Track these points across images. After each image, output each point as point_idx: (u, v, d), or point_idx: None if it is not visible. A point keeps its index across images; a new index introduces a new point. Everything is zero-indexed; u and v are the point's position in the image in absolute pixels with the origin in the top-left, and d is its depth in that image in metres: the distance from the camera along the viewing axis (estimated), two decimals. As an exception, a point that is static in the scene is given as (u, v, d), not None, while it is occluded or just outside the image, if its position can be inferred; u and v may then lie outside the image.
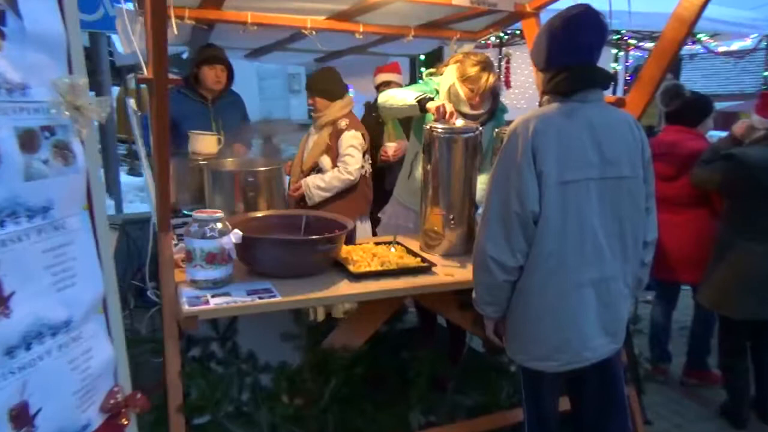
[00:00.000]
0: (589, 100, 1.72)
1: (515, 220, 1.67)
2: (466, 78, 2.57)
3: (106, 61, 4.61)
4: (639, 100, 2.39)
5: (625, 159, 1.73)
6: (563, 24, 1.71)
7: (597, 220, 1.70)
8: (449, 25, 3.19)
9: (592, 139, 1.69)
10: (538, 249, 1.69)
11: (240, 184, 2.65)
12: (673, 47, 2.22)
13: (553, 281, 1.71)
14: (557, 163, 1.65)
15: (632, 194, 1.75)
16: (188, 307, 1.83)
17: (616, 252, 1.75)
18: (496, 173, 1.74)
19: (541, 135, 1.65)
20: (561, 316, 1.73)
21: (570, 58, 1.71)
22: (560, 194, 1.65)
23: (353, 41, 3.33)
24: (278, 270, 2.10)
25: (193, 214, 1.99)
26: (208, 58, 3.36)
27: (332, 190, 3.13)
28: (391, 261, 2.28)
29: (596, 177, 1.68)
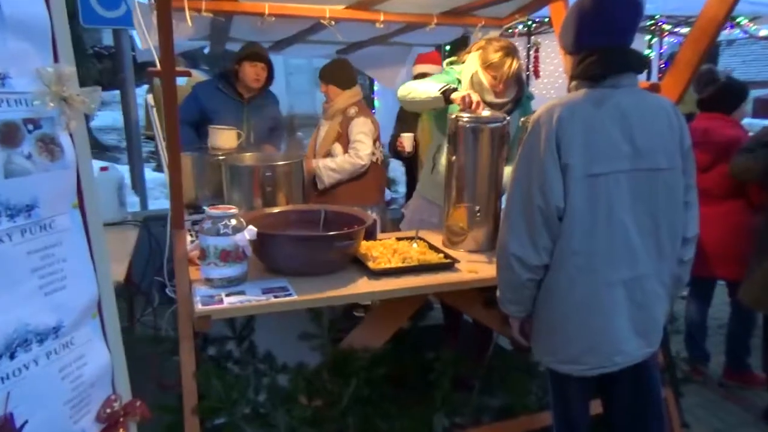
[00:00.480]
0: (622, 86, 1.60)
1: (538, 216, 1.57)
2: (488, 65, 2.46)
3: (129, 58, 4.61)
4: (675, 86, 2.25)
5: (661, 149, 1.60)
6: (594, 1, 1.59)
7: (628, 215, 1.58)
8: (473, 11, 3.06)
9: (624, 128, 1.57)
10: (563, 246, 1.58)
11: (258, 179, 2.60)
12: (712, 28, 2.07)
13: (580, 280, 1.60)
14: (584, 154, 1.54)
15: (669, 187, 1.62)
16: (201, 306, 1.77)
17: (651, 249, 1.63)
18: (518, 165, 1.63)
19: (565, 124, 1.54)
20: (590, 317, 1.62)
21: (601, 39, 1.59)
22: (587, 188, 1.54)
23: (374, 31, 3.24)
24: (295, 267, 2.03)
25: (206, 210, 1.94)
26: (250, 55, 3.35)
27: (343, 173, 3.16)
28: (412, 257, 2.19)
29: (627, 169, 1.57)
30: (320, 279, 2.01)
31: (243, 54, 3.38)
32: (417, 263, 2.14)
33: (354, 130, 3.17)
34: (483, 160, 2.27)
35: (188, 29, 2.83)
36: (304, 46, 4.02)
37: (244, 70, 3.36)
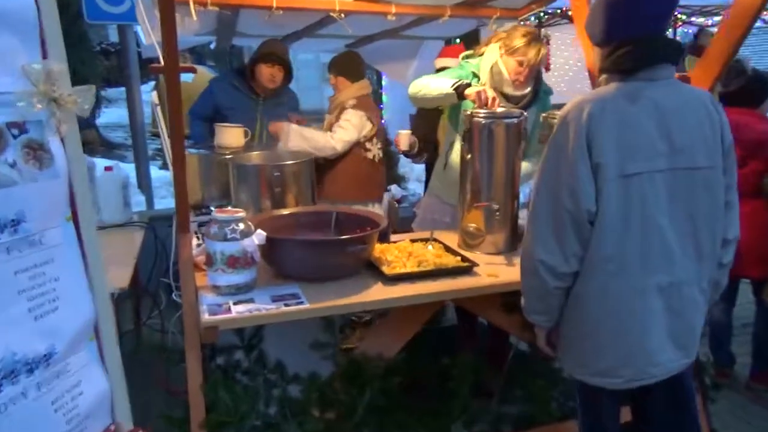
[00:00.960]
0: (657, 78, 1.49)
1: (567, 220, 1.46)
2: (514, 50, 2.34)
3: (134, 54, 4.52)
4: (705, 78, 2.12)
5: (701, 146, 1.49)
6: None
7: (665, 218, 1.47)
8: (488, 2, 2.95)
9: (660, 124, 1.46)
10: (595, 252, 1.48)
11: (266, 179, 2.50)
12: (748, 15, 1.94)
13: (612, 287, 1.49)
14: (618, 153, 1.43)
15: (709, 187, 1.51)
16: (208, 315, 1.68)
17: (689, 253, 1.52)
18: (546, 165, 1.52)
19: (597, 121, 1.43)
20: (623, 327, 1.51)
21: (634, 28, 1.47)
22: (621, 189, 1.44)
23: (384, 24, 3.13)
24: (306, 273, 1.94)
25: (212, 213, 1.84)
26: (265, 56, 3.26)
27: (309, 144, 2.92)
28: (428, 260, 2.09)
29: (664, 168, 1.46)
30: (333, 285, 1.92)
31: (258, 54, 3.30)
32: (434, 267, 2.05)
33: (342, 117, 3.04)
34: (499, 158, 2.17)
35: (193, 24, 2.74)
36: (313, 40, 3.91)
37: (260, 70, 3.27)
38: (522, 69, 2.36)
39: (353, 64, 3.22)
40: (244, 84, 3.35)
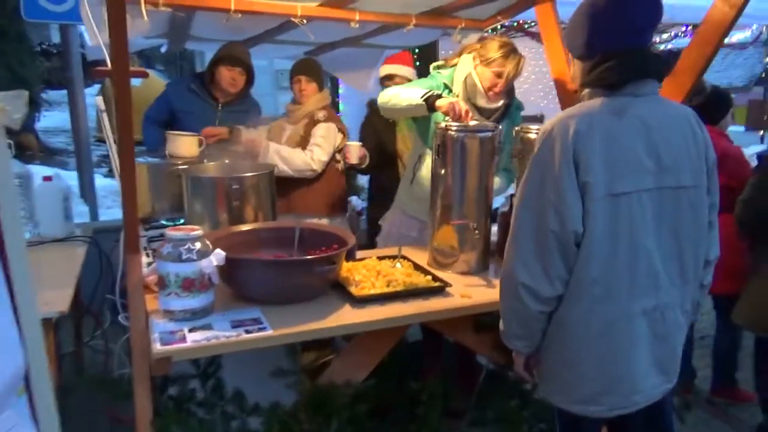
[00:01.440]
0: (642, 94, 1.43)
1: (553, 242, 1.38)
2: (490, 62, 2.29)
3: (78, 55, 4.25)
4: (675, 94, 2.10)
5: (686, 165, 1.45)
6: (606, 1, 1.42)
7: (652, 239, 1.42)
8: (454, 12, 2.89)
9: (647, 141, 1.40)
10: (580, 275, 1.41)
11: (223, 191, 2.33)
12: (718, 32, 1.94)
13: (598, 312, 1.42)
14: (605, 171, 1.36)
15: (694, 207, 1.47)
16: (160, 346, 1.52)
17: (674, 276, 1.47)
18: (528, 183, 1.44)
19: (584, 137, 1.36)
20: (608, 353, 1.45)
21: (619, 41, 1.42)
22: (609, 209, 1.37)
23: (348, 31, 3.02)
24: (269, 295, 1.80)
25: (165, 231, 1.68)
26: (226, 58, 3.13)
27: (289, 167, 2.85)
28: (398, 280, 1.98)
29: (651, 188, 1.40)
30: (297, 308, 1.79)
31: (219, 56, 3.16)
32: (404, 287, 1.94)
33: (317, 132, 2.95)
34: (473, 173, 2.09)
35: (143, 25, 2.55)
36: (270, 46, 3.77)
37: (221, 73, 3.14)
38: (499, 81, 2.31)
39: (320, 72, 3.13)
40: (203, 89, 3.22)
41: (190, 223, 2.43)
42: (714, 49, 1.97)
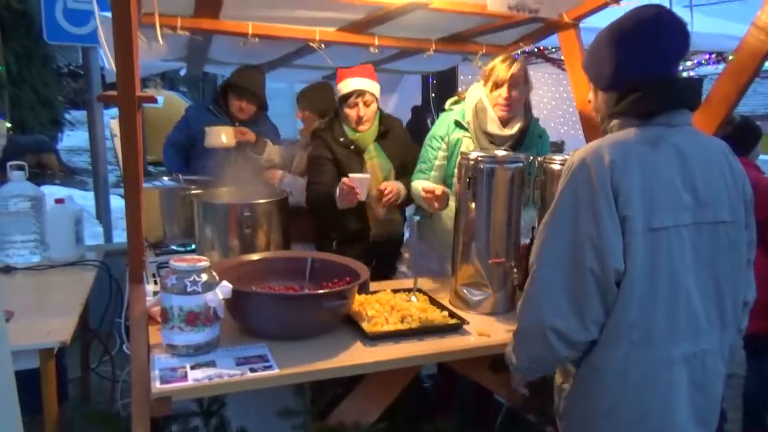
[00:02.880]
0: (676, 124, 1.34)
1: (591, 282, 1.27)
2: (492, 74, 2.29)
3: (98, 77, 4.27)
4: (708, 124, 2.02)
5: (725, 199, 1.35)
6: (637, 27, 1.34)
7: (691, 278, 1.31)
8: (475, 38, 2.83)
9: (684, 174, 1.31)
10: (618, 317, 1.30)
11: (235, 218, 2.28)
12: (754, 62, 1.85)
13: (636, 359, 1.31)
14: (643, 204, 1.26)
15: (732, 244, 1.36)
16: (160, 384, 1.44)
17: (713, 319, 1.35)
18: (558, 217, 1.33)
19: (621, 168, 1.27)
20: (646, 403, 1.33)
21: (647, 70, 1.33)
22: (648, 246, 1.27)
23: (366, 56, 2.97)
24: (276, 330, 1.71)
25: (170, 262, 1.61)
26: (233, 86, 3.16)
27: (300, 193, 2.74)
28: (412, 316, 1.89)
29: (689, 223, 1.30)
30: (306, 344, 1.70)
31: (228, 84, 3.20)
32: (419, 324, 1.85)
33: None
34: (500, 207, 1.97)
35: (161, 48, 2.54)
36: (288, 70, 3.77)
37: (230, 100, 3.19)
38: (502, 90, 2.27)
39: (321, 97, 3.03)
40: (220, 109, 3.24)
41: (201, 249, 2.38)
42: (749, 79, 1.88)
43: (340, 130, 2.58)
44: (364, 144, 2.57)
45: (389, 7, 2.25)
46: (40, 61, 8.14)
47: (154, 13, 1.92)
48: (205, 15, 2.36)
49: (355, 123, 2.54)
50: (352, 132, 2.56)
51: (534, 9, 1.97)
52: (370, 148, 2.59)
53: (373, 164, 2.57)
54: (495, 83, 2.30)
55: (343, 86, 2.52)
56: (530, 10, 1.95)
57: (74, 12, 3.88)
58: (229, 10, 2.32)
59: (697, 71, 8.83)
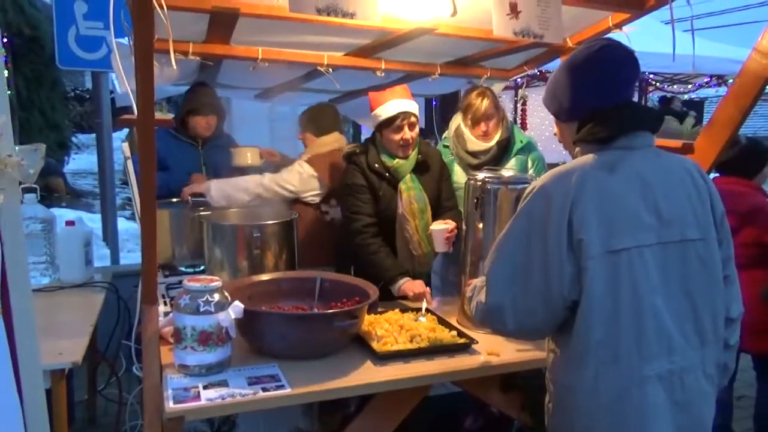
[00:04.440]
0: (636, 147, 1.38)
1: (538, 302, 1.36)
2: (470, 115, 2.57)
3: (108, 102, 4.34)
4: (711, 146, 2.04)
5: (691, 217, 1.37)
6: (589, 59, 1.41)
7: (659, 297, 1.32)
8: (480, 62, 2.88)
9: (645, 195, 1.34)
10: (584, 337, 1.32)
11: (244, 239, 2.30)
12: (756, 85, 1.88)
13: (607, 377, 1.32)
14: (600, 227, 1.30)
15: (704, 261, 1.37)
16: (173, 404, 1.45)
17: (690, 336, 1.36)
18: (508, 240, 1.41)
19: (578, 194, 1.31)
20: (621, 422, 1.32)
21: (604, 98, 1.39)
22: (608, 267, 1.30)
23: (373, 80, 3.03)
24: (287, 350, 1.73)
25: (183, 282, 1.63)
26: (198, 108, 3.23)
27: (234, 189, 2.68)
28: (421, 335, 1.90)
29: (653, 243, 1.32)
30: (317, 364, 1.71)
31: (192, 107, 3.24)
32: (428, 344, 1.86)
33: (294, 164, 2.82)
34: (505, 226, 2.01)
35: (172, 73, 2.59)
36: (296, 94, 3.81)
37: (196, 121, 3.25)
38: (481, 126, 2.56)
39: (320, 117, 3.01)
40: (182, 132, 3.29)
41: (210, 270, 2.40)
42: (752, 102, 1.91)
43: (376, 156, 2.45)
44: (402, 173, 2.43)
45: (396, 32, 2.30)
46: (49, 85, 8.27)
47: (168, 39, 1.96)
48: (217, 40, 2.41)
49: (400, 148, 2.41)
50: (390, 159, 2.44)
51: (539, 34, 2.01)
52: (406, 179, 2.44)
53: (409, 196, 2.42)
54: (473, 120, 2.58)
55: (385, 109, 2.39)
56: (535, 35, 2.00)
57: (86, 38, 3.95)
58: (239, 36, 2.37)
59: (698, 94, 8.93)
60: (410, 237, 2.41)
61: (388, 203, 2.43)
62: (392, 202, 2.43)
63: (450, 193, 2.58)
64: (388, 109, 2.38)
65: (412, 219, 2.40)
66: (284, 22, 2.09)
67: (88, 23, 4.00)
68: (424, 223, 2.42)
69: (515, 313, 1.38)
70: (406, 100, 2.42)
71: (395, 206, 2.43)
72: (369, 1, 1.76)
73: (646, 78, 7.56)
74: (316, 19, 2.05)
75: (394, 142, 2.40)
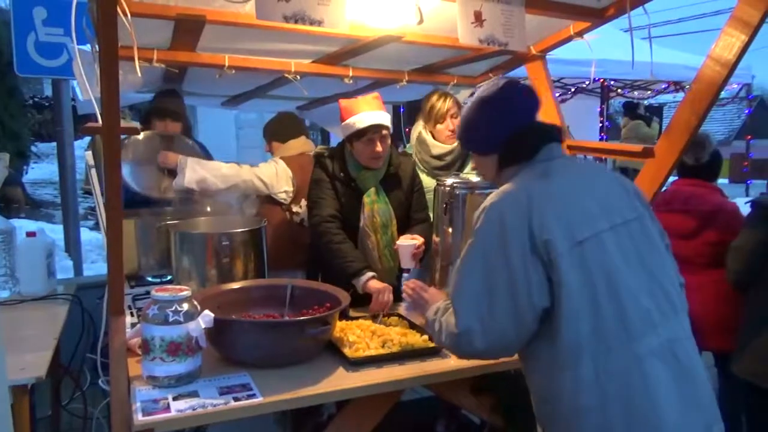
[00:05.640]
0: (555, 156, 1.52)
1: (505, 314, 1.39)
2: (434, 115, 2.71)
3: (69, 109, 4.24)
4: (671, 149, 2.12)
5: (622, 202, 1.49)
6: (495, 95, 1.55)
7: (627, 276, 1.38)
8: (446, 69, 2.92)
9: (582, 192, 1.45)
10: (572, 334, 1.35)
11: (213, 248, 2.28)
12: (711, 91, 1.96)
13: (602, 366, 1.35)
14: (560, 225, 1.37)
15: (646, 235, 1.48)
16: (142, 416, 1.43)
17: (664, 307, 1.41)
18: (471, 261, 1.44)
19: (529, 203, 1.39)
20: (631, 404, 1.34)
21: (516, 123, 1.53)
22: (578, 259, 1.36)
23: (340, 87, 3.05)
24: (258, 358, 1.72)
25: (152, 292, 1.61)
26: (156, 111, 3.12)
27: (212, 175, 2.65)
28: (393, 340, 1.91)
29: (606, 228, 1.41)
30: (288, 371, 1.70)
31: (150, 110, 3.16)
32: (400, 348, 1.87)
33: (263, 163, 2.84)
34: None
35: (137, 80, 2.56)
36: (263, 101, 3.80)
37: (154, 126, 3.12)
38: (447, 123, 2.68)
39: (282, 125, 3.08)
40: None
41: (178, 279, 2.36)
42: (707, 107, 1.98)
43: (342, 164, 2.41)
44: (367, 185, 2.38)
45: (364, 40, 2.32)
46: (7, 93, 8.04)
47: (133, 46, 1.94)
48: (182, 48, 2.38)
49: (371, 160, 2.35)
50: (356, 170, 2.38)
51: (503, 42, 2.05)
52: (371, 191, 2.38)
53: (372, 209, 2.36)
54: (436, 120, 2.74)
55: (357, 121, 2.31)
56: (500, 43, 2.04)
57: (46, 45, 3.86)
58: (205, 43, 2.35)
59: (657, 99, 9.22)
60: (370, 251, 2.36)
61: (348, 214, 2.37)
62: (354, 213, 2.37)
63: (421, 206, 2.52)
64: (360, 121, 2.30)
65: (374, 233, 2.36)
66: (251, 29, 2.08)
67: (48, 29, 3.91)
68: (388, 238, 2.37)
69: (485, 334, 1.40)
70: (378, 112, 2.34)
71: (357, 218, 2.37)
72: (336, 9, 1.77)
73: (608, 84, 7.78)
74: (283, 27, 2.06)
75: (364, 155, 2.35)
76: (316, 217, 2.36)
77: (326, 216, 2.34)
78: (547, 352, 1.41)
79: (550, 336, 1.39)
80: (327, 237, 2.30)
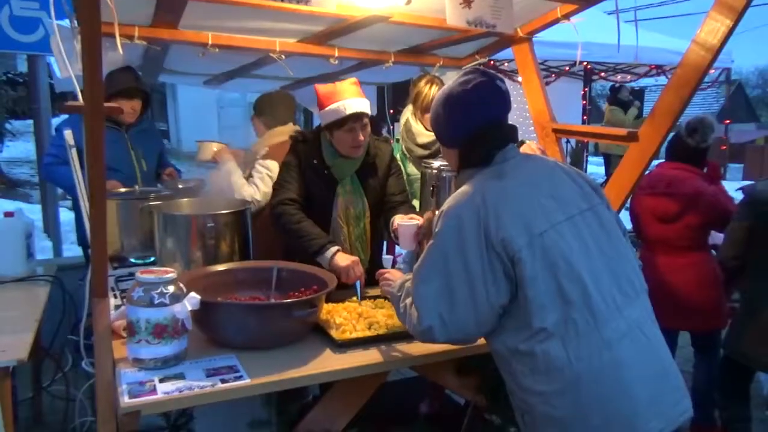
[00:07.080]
0: (510, 158, 1.55)
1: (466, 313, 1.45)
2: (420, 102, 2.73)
3: (46, 87, 4.14)
4: (654, 133, 2.14)
5: (576, 194, 1.54)
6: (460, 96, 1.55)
7: (587, 263, 1.44)
8: (432, 50, 2.91)
9: (538, 188, 1.50)
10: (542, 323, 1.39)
11: (197, 229, 2.25)
12: (696, 75, 1.97)
13: (574, 352, 1.39)
14: (516, 223, 1.42)
15: (603, 224, 1.53)
16: (128, 399, 1.42)
17: (626, 290, 1.48)
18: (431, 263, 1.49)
19: (485, 204, 1.44)
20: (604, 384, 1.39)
21: (476, 124, 1.54)
22: (538, 251, 1.41)
23: (326, 67, 3.01)
24: (245, 341, 1.71)
25: (137, 274, 1.59)
26: (124, 91, 3.01)
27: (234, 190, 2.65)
28: (379, 322, 1.92)
29: (563, 220, 1.47)
30: (275, 353, 1.71)
31: (116, 89, 3.00)
32: (386, 330, 1.88)
33: (255, 169, 2.73)
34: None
35: (117, 58, 2.50)
36: (246, 80, 3.74)
37: (119, 104, 2.96)
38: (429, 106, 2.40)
39: (275, 108, 2.94)
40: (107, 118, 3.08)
41: (162, 262, 2.34)
42: (691, 92, 2.00)
43: (317, 151, 2.29)
44: (342, 174, 2.29)
45: (350, 20, 2.29)
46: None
47: (114, 23, 1.89)
48: (164, 25, 2.34)
49: (350, 149, 2.24)
50: (332, 157, 2.28)
51: (491, 24, 2.05)
52: (345, 181, 2.29)
53: (346, 200, 2.29)
54: (423, 108, 2.73)
55: (336, 109, 2.17)
56: (487, 25, 2.03)
57: (21, 19, 3.74)
58: (188, 20, 2.31)
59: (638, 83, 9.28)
60: (342, 243, 2.27)
61: (321, 203, 2.28)
62: (327, 202, 2.28)
63: (400, 188, 2.40)
64: (340, 110, 2.17)
65: (346, 226, 2.30)
66: (236, 6, 2.05)
67: (23, 3, 3.79)
68: (360, 230, 2.32)
69: (446, 329, 1.46)
70: (359, 99, 2.21)
71: (330, 207, 2.28)
72: (324, -12, 1.74)
73: (592, 68, 7.80)
74: (269, 5, 2.03)
75: (345, 143, 2.23)
76: (275, 200, 2.29)
77: (284, 199, 2.25)
78: (518, 343, 1.44)
79: (520, 327, 1.43)
80: (284, 218, 2.21)
